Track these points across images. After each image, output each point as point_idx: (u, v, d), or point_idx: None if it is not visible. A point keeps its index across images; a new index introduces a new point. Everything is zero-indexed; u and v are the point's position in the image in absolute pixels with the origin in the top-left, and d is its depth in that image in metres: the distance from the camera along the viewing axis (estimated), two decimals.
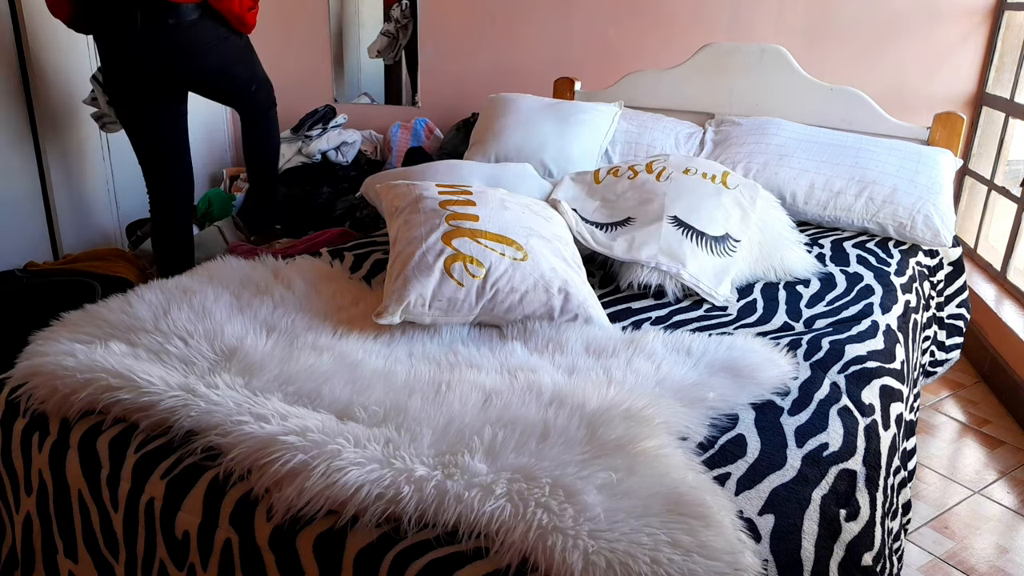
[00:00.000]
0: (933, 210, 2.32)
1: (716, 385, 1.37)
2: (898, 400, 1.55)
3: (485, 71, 3.71)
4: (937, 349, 2.53)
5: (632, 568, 0.94)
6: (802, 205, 2.43)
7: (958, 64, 3.14)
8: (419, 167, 2.26)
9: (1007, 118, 3.03)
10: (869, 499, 1.26)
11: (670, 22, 3.41)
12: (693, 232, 1.91)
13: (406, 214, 1.73)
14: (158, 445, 1.23)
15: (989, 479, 2.23)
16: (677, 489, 1.07)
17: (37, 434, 1.32)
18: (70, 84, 3.00)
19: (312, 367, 1.36)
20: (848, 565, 1.13)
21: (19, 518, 1.39)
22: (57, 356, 1.36)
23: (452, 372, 1.39)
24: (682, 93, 2.93)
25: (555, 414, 1.23)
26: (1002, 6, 3.03)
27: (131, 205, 3.36)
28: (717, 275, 1.86)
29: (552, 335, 1.55)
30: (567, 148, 2.63)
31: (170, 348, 1.41)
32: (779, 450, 1.25)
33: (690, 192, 2.01)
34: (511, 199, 1.81)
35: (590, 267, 1.98)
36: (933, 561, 1.90)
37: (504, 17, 3.62)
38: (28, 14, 2.78)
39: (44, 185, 2.96)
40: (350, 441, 1.14)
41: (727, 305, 1.84)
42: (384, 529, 1.05)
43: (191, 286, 1.66)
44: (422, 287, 1.54)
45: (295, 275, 1.77)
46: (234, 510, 1.13)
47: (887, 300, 1.90)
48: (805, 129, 2.60)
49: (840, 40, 3.22)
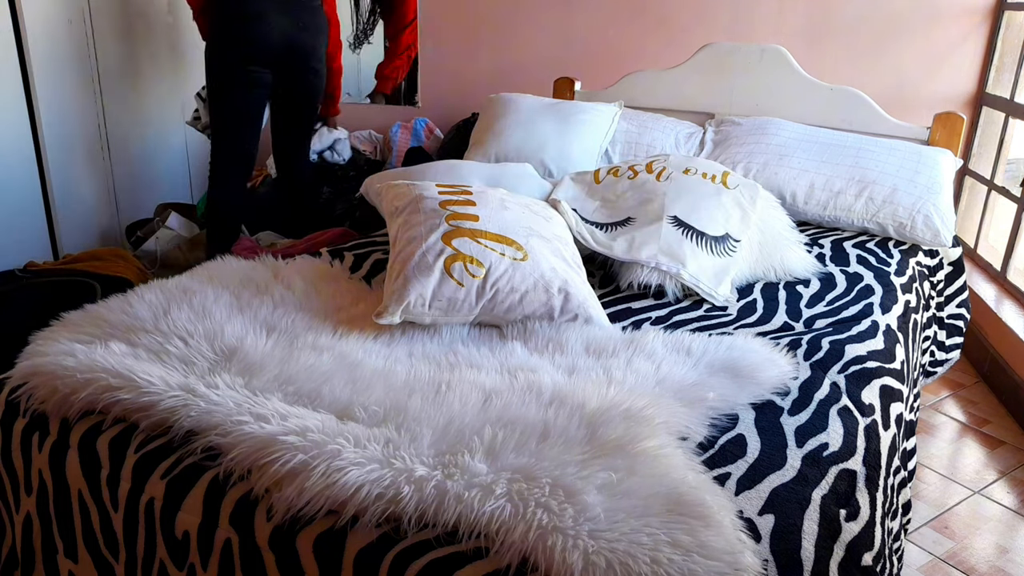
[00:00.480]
0: (933, 210, 2.32)
1: (716, 385, 1.37)
2: (898, 400, 1.55)
3: (485, 71, 3.71)
4: (937, 349, 2.53)
5: (632, 568, 0.94)
6: (802, 205, 2.43)
7: (958, 64, 3.14)
8: (419, 167, 2.26)
9: (1007, 118, 3.03)
10: (869, 499, 1.26)
11: (670, 22, 3.41)
12: (693, 232, 1.91)
13: (406, 214, 1.73)
14: (158, 445, 1.23)
15: (989, 479, 2.23)
16: (677, 489, 1.07)
17: (37, 434, 1.32)
18: (70, 84, 3.01)
19: (312, 367, 1.36)
20: (848, 565, 1.13)
21: (19, 518, 1.39)
22: (57, 356, 1.36)
23: (452, 372, 1.39)
24: (682, 93, 2.93)
25: (555, 414, 1.23)
26: (1002, 6, 3.03)
27: (131, 205, 3.36)
28: (717, 275, 1.86)
29: (552, 335, 1.55)
30: (567, 148, 2.63)
31: (170, 348, 1.41)
32: (779, 450, 1.25)
33: (690, 192, 2.01)
34: (511, 199, 1.81)
35: (590, 267, 1.98)
36: (933, 561, 1.90)
37: (504, 17, 3.62)
38: (29, 14, 2.78)
39: (44, 185, 2.96)
40: (350, 441, 1.14)
41: (727, 305, 1.84)
42: (384, 529, 1.05)
43: (191, 286, 1.66)
44: (422, 287, 1.54)
45: (295, 275, 1.77)
46: (234, 510, 1.13)
47: (887, 300, 1.90)
48: (805, 129, 2.60)
49: (840, 40, 3.22)
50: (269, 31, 2.73)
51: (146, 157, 3.44)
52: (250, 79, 2.77)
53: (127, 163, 3.32)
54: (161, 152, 3.53)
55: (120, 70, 3.23)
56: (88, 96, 3.08)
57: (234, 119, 2.83)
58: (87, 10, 3.03)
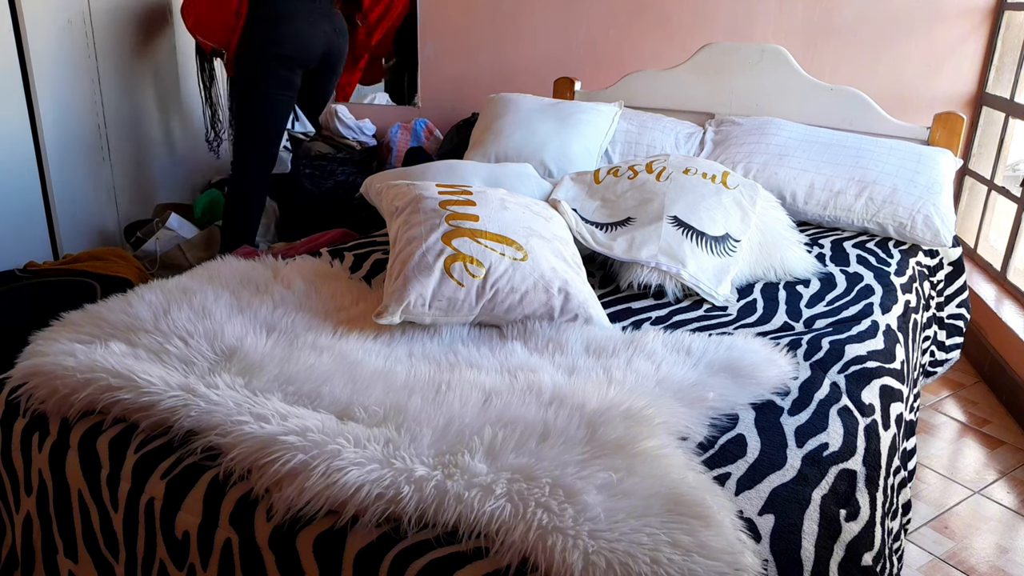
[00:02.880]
0: (933, 210, 2.32)
1: (716, 385, 1.37)
2: (898, 400, 1.55)
3: (485, 71, 3.71)
4: (937, 349, 2.53)
5: (632, 568, 0.94)
6: (802, 205, 2.43)
7: (958, 64, 3.14)
8: (419, 167, 2.25)
9: (1007, 118, 3.03)
10: (869, 499, 1.26)
11: (670, 22, 3.41)
12: (693, 232, 1.91)
13: (406, 214, 1.73)
14: (158, 445, 1.23)
15: (989, 479, 2.23)
16: (677, 489, 1.07)
17: (37, 434, 1.32)
18: (71, 84, 3.00)
19: (312, 367, 1.36)
20: (848, 565, 1.13)
21: (19, 518, 1.39)
22: (57, 356, 1.36)
23: (452, 372, 1.39)
24: (682, 93, 2.93)
25: (555, 414, 1.23)
26: (1002, 6, 3.03)
27: (131, 205, 3.36)
28: (717, 275, 1.86)
29: (552, 335, 1.55)
30: (567, 148, 2.63)
31: (170, 348, 1.41)
32: (779, 450, 1.25)
33: (690, 192, 2.01)
34: (511, 199, 1.81)
35: (590, 267, 1.98)
36: (933, 561, 1.90)
37: (504, 17, 3.63)
38: (29, 14, 2.78)
39: (44, 185, 2.96)
40: (350, 441, 1.14)
41: (727, 305, 1.84)
42: (384, 529, 1.05)
43: (191, 286, 1.66)
44: (422, 287, 1.54)
45: (295, 275, 1.77)
46: (234, 510, 1.13)
47: (887, 300, 1.90)
48: (805, 129, 2.60)
49: (840, 40, 3.22)
50: (315, 35, 2.90)
51: (146, 158, 3.44)
52: (288, 81, 2.88)
53: (127, 163, 3.32)
54: (161, 153, 3.53)
55: (120, 71, 3.23)
56: (88, 96, 3.08)
57: (271, 120, 2.92)
58: (87, 10, 3.03)
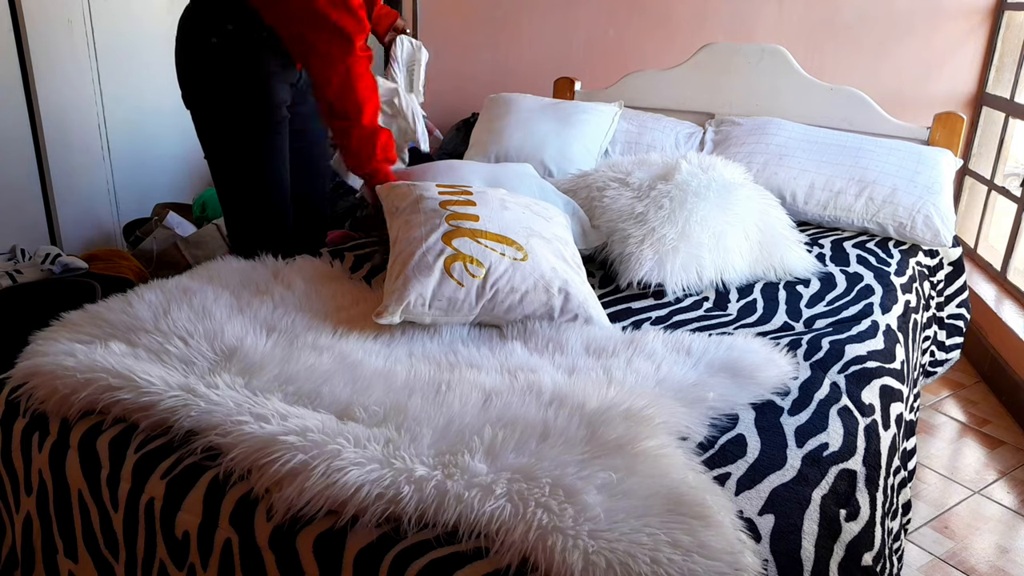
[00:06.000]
0: (933, 210, 2.32)
1: (716, 385, 1.37)
2: (898, 400, 1.55)
3: (485, 71, 3.71)
4: (937, 349, 2.53)
5: (632, 568, 0.94)
6: (802, 205, 2.43)
7: (958, 64, 3.14)
8: (419, 167, 2.25)
9: (1007, 118, 3.03)
10: (869, 499, 1.26)
11: (670, 22, 3.41)
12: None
13: (406, 214, 1.73)
14: (158, 445, 1.23)
15: (989, 479, 2.23)
16: (677, 489, 1.07)
17: (37, 434, 1.32)
18: (70, 84, 3.00)
19: (312, 367, 1.36)
20: (848, 565, 1.13)
21: (19, 518, 1.39)
22: (57, 356, 1.36)
23: (452, 372, 1.39)
24: (682, 93, 2.93)
25: (555, 414, 1.23)
26: (1002, 6, 3.03)
27: (131, 205, 3.36)
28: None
29: (552, 335, 1.55)
30: (567, 148, 2.63)
31: (170, 348, 1.41)
32: (779, 450, 1.25)
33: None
34: (511, 199, 1.81)
35: (590, 267, 1.98)
36: (933, 561, 1.90)
37: (504, 17, 3.62)
38: (29, 13, 2.78)
39: (44, 185, 2.96)
40: (350, 441, 1.14)
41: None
42: (384, 529, 1.04)
43: (191, 286, 1.66)
44: (422, 287, 1.54)
45: (295, 275, 1.77)
46: (234, 510, 1.13)
47: (887, 300, 1.90)
48: (805, 129, 2.60)
49: (840, 40, 3.22)
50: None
51: (145, 157, 3.44)
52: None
53: (126, 163, 3.32)
54: (160, 152, 3.53)
55: (120, 70, 3.23)
56: (88, 96, 3.08)
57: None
58: (87, 10, 3.03)
